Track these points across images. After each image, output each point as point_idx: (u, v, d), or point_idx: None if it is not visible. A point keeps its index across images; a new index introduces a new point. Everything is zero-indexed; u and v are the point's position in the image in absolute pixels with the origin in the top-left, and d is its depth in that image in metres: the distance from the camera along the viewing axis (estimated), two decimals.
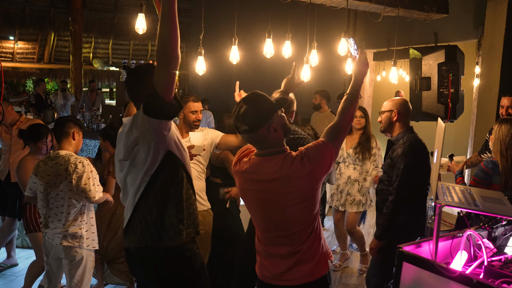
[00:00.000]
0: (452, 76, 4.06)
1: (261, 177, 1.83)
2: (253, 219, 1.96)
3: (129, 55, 13.73)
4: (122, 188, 2.14)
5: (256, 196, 1.88)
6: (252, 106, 1.82)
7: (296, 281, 1.88)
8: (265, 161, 1.83)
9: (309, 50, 3.86)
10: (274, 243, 1.90)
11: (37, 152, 3.24)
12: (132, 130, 1.99)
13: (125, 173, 2.08)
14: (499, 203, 1.96)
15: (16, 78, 12.81)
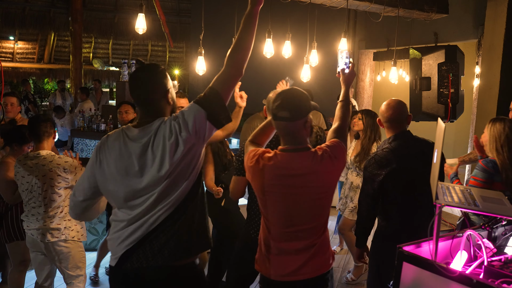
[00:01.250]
0: (452, 76, 4.06)
1: (293, 172, 1.88)
2: (271, 215, 1.96)
3: (129, 55, 13.73)
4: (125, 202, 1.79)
5: (283, 191, 1.91)
6: (298, 97, 1.93)
7: (311, 274, 1.94)
8: (296, 157, 1.91)
9: (309, 50, 3.86)
10: (290, 239, 1.93)
11: (20, 154, 3.01)
12: (175, 138, 1.71)
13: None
14: (499, 203, 1.96)
15: (16, 78, 12.81)
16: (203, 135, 1.74)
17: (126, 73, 5.79)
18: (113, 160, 1.79)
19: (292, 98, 1.92)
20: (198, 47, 3.53)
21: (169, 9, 12.83)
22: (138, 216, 1.77)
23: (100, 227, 4.52)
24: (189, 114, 1.74)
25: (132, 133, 1.80)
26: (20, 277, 3.19)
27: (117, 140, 1.82)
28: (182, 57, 14.16)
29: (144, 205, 1.75)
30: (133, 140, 1.78)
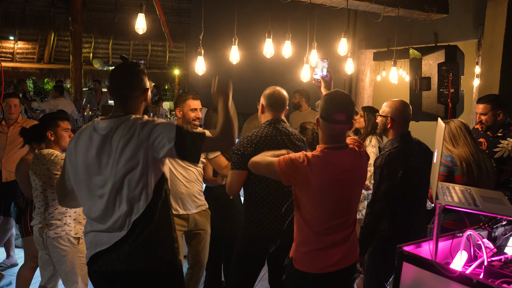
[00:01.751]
0: (452, 76, 4.06)
1: (342, 169, 2.03)
2: (319, 212, 2.05)
3: (129, 55, 13.73)
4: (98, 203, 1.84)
5: (334, 186, 2.03)
6: (350, 100, 2.09)
7: (350, 261, 2.12)
8: (343, 154, 2.06)
9: (309, 50, 3.86)
10: (333, 231, 2.07)
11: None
12: (129, 146, 1.77)
13: (111, 192, 1.81)
14: (499, 203, 1.96)
15: (16, 78, 12.81)
16: (158, 151, 1.77)
17: None
18: (80, 150, 1.86)
19: (347, 102, 2.06)
20: (198, 47, 3.53)
21: (169, 9, 12.83)
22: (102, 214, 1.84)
23: None
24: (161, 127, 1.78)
25: (100, 125, 1.85)
26: (27, 273, 3.24)
27: (86, 129, 1.89)
28: (182, 57, 14.16)
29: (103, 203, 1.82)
30: (97, 131, 1.83)
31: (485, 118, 3.19)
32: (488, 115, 3.18)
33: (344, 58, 4.20)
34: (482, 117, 3.22)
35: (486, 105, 3.20)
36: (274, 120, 2.57)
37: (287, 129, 2.60)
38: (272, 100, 2.58)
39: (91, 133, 1.85)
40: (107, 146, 1.79)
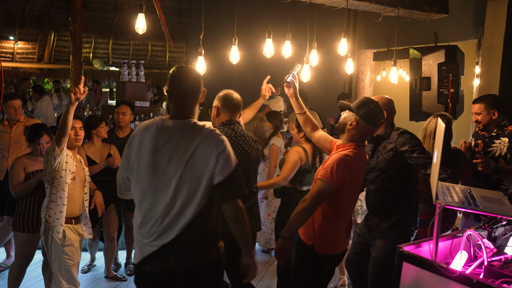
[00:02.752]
0: (452, 76, 4.06)
1: (364, 163, 2.53)
2: (349, 202, 2.48)
3: (129, 55, 13.72)
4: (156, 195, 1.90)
5: (360, 179, 2.50)
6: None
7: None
8: (363, 151, 2.49)
9: (309, 50, 3.86)
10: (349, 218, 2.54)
11: (32, 152, 3.20)
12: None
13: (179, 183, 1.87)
14: (499, 203, 1.97)
15: (16, 78, 12.80)
16: (215, 177, 1.92)
17: (126, 73, 5.79)
18: (146, 147, 1.90)
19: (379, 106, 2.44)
20: (198, 47, 3.53)
21: (169, 9, 12.82)
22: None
23: None
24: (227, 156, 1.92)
25: (166, 124, 1.92)
26: (18, 271, 3.23)
27: (151, 126, 1.94)
28: (182, 57, 14.15)
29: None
30: (164, 130, 1.90)
31: (480, 118, 3.26)
32: (482, 114, 3.25)
33: (344, 58, 4.20)
34: (477, 117, 3.29)
35: (480, 104, 3.27)
36: (229, 121, 2.61)
37: (242, 130, 2.64)
38: (228, 101, 2.61)
39: (157, 131, 1.90)
40: (176, 147, 1.87)
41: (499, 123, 3.24)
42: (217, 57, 4.95)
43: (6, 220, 3.97)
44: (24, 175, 3.13)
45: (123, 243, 4.27)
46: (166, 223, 1.86)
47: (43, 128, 3.25)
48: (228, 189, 1.89)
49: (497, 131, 3.23)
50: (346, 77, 7.71)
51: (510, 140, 3.12)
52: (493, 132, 3.26)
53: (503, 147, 3.15)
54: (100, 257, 4.37)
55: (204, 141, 1.88)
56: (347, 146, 2.41)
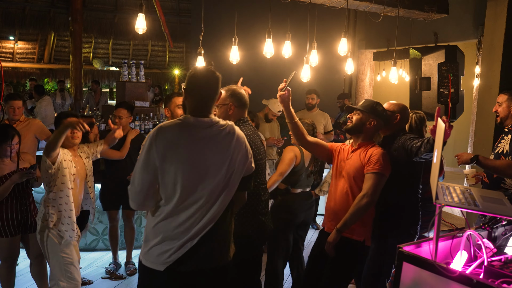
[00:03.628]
0: (452, 76, 4.06)
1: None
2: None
3: (129, 55, 13.72)
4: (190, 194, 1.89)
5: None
6: None
7: None
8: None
9: (309, 50, 3.86)
10: None
11: (1, 154, 3.07)
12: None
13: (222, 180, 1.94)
14: (499, 203, 1.96)
15: (16, 78, 12.80)
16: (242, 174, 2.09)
17: (126, 73, 5.79)
18: (184, 149, 1.88)
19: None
20: (198, 47, 3.53)
21: (169, 9, 12.82)
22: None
23: (100, 227, 4.52)
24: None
25: (201, 124, 1.94)
26: (7, 272, 3.21)
27: (185, 127, 1.94)
28: (182, 57, 14.14)
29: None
30: (203, 131, 1.93)
31: (500, 109, 3.18)
32: (503, 106, 3.16)
33: (344, 58, 4.20)
34: (498, 107, 3.21)
35: (503, 95, 3.18)
36: (244, 119, 2.59)
37: (254, 128, 2.67)
38: (240, 98, 2.55)
39: (191, 129, 1.91)
40: (215, 145, 1.93)
41: None
42: (217, 57, 4.94)
43: None
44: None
45: (123, 243, 4.28)
46: (206, 219, 1.89)
47: (12, 128, 3.13)
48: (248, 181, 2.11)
49: (510, 127, 3.15)
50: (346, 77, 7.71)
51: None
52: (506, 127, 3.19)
53: (506, 144, 3.10)
54: (100, 257, 4.37)
55: (239, 139, 2.00)
56: (371, 143, 2.64)
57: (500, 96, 3.22)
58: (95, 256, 4.38)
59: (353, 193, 2.58)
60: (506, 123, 3.19)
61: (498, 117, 3.22)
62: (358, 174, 2.56)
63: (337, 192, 2.66)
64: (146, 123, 5.38)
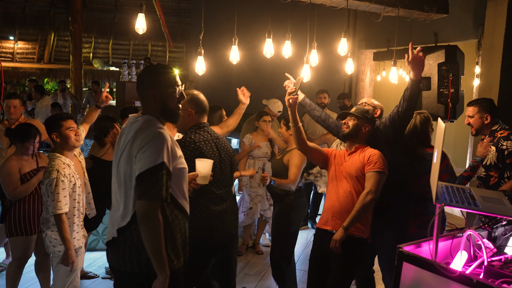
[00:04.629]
0: (452, 76, 4.06)
1: None
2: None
3: (129, 55, 13.73)
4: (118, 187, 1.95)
5: None
6: None
7: None
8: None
9: (309, 50, 3.85)
10: None
11: (23, 153, 3.17)
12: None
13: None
14: (499, 203, 1.96)
15: (16, 78, 12.81)
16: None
17: (126, 73, 5.79)
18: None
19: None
20: (198, 47, 3.53)
21: (169, 9, 12.82)
22: None
23: (100, 227, 4.52)
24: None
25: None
26: (15, 272, 3.24)
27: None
28: (182, 57, 14.15)
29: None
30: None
31: (472, 121, 3.20)
32: (474, 117, 3.18)
33: (344, 58, 4.20)
34: (469, 120, 3.23)
35: (473, 107, 3.20)
36: (203, 124, 2.63)
37: (215, 133, 2.69)
38: (200, 104, 2.61)
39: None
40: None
41: (490, 129, 3.15)
42: (217, 57, 4.94)
43: None
44: (19, 176, 3.10)
45: None
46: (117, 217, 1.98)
47: (34, 127, 3.21)
48: (144, 189, 1.87)
49: (488, 136, 3.14)
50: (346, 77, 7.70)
51: (497, 149, 3.03)
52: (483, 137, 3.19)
53: (492, 156, 3.06)
54: (100, 257, 4.37)
55: (132, 137, 1.96)
56: (366, 146, 2.80)
57: (468, 109, 3.23)
58: (95, 256, 4.38)
59: (357, 192, 2.71)
60: (482, 132, 3.19)
61: (472, 128, 3.22)
62: (360, 174, 2.70)
63: (340, 193, 2.75)
64: None
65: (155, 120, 1.96)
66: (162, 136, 1.86)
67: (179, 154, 1.96)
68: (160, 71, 2.01)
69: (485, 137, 3.19)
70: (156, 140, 1.83)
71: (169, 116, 2.02)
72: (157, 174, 1.79)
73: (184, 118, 2.52)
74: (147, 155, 1.81)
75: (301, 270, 4.21)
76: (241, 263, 4.40)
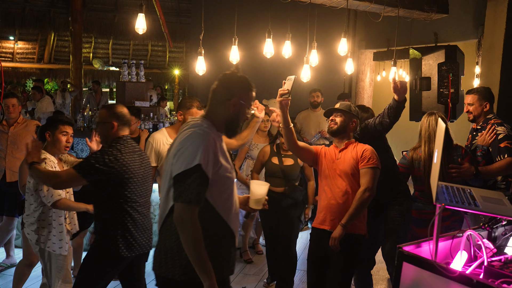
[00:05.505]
0: (452, 76, 4.05)
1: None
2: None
3: (129, 55, 13.72)
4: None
5: None
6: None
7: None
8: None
9: (309, 50, 3.86)
10: None
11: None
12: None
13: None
14: (499, 203, 1.96)
15: (16, 78, 12.80)
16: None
17: (126, 73, 5.79)
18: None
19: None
20: (198, 47, 3.53)
21: (169, 9, 12.82)
22: None
23: None
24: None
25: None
26: (24, 270, 3.26)
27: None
28: (182, 57, 14.14)
29: None
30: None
31: (472, 108, 3.34)
32: (474, 105, 3.33)
33: (344, 58, 4.20)
34: (469, 107, 3.36)
35: (473, 95, 3.35)
36: (126, 136, 2.58)
37: (136, 146, 2.64)
38: (123, 116, 2.58)
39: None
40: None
41: (486, 117, 3.30)
42: (217, 57, 4.94)
43: (5, 220, 3.97)
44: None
45: None
46: None
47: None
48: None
49: (482, 124, 3.29)
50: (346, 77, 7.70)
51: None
52: (479, 124, 3.33)
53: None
54: None
55: None
56: (354, 141, 2.82)
57: (468, 97, 3.37)
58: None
59: (353, 190, 2.71)
60: (478, 120, 3.34)
61: (470, 114, 3.36)
62: (355, 170, 2.72)
63: (336, 192, 2.74)
64: (146, 123, 5.39)
65: (211, 125, 1.91)
66: (203, 139, 1.81)
67: (222, 162, 1.88)
68: (251, 85, 1.99)
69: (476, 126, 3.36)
70: (195, 142, 1.79)
71: (231, 128, 1.97)
72: (192, 176, 1.74)
73: (107, 131, 2.53)
74: (184, 157, 1.78)
75: (301, 270, 4.21)
76: (241, 263, 4.40)
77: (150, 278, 3.91)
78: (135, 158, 2.52)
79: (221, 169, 1.86)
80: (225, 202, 1.92)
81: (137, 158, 2.54)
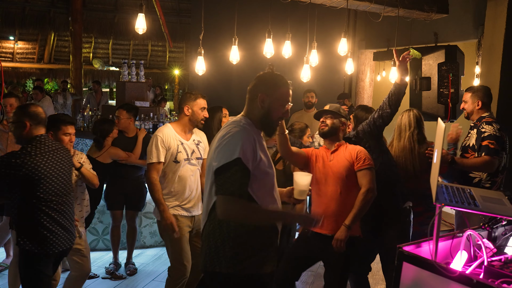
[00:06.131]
0: (452, 76, 4.06)
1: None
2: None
3: (129, 55, 13.72)
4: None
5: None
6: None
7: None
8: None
9: (309, 50, 3.86)
10: None
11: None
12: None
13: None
14: (499, 203, 1.97)
15: (16, 78, 12.81)
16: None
17: (126, 73, 5.78)
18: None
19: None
20: (198, 47, 3.53)
21: (169, 9, 12.82)
22: None
23: (100, 227, 4.52)
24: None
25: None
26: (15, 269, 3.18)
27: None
28: (182, 57, 14.14)
29: None
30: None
31: (465, 106, 3.42)
32: (468, 103, 3.40)
33: (344, 58, 4.20)
34: (463, 105, 3.44)
35: (467, 93, 3.43)
36: (44, 135, 2.56)
37: (55, 144, 2.63)
38: (38, 116, 2.54)
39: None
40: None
41: (480, 115, 3.35)
42: (217, 57, 4.94)
43: (5, 220, 3.97)
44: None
45: (123, 243, 4.28)
46: None
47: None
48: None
49: (475, 122, 3.35)
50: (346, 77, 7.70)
51: (477, 131, 3.25)
52: (473, 122, 3.40)
53: (472, 138, 3.29)
54: (100, 257, 4.37)
55: None
56: (344, 142, 2.81)
57: (464, 95, 3.46)
58: (95, 256, 4.38)
59: (347, 191, 2.67)
60: (472, 117, 3.41)
61: (465, 111, 3.45)
62: (349, 172, 2.68)
63: (332, 195, 2.69)
64: (146, 123, 5.38)
65: (250, 123, 1.95)
66: (242, 134, 1.85)
67: (262, 157, 1.92)
68: (282, 82, 1.99)
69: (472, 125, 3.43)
70: (235, 137, 1.84)
71: (267, 125, 1.99)
72: (232, 169, 1.77)
73: (20, 131, 2.52)
74: (224, 150, 1.81)
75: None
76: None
77: (150, 278, 3.92)
78: (50, 158, 2.50)
79: (260, 163, 1.90)
80: (266, 196, 1.95)
81: (53, 157, 2.52)
